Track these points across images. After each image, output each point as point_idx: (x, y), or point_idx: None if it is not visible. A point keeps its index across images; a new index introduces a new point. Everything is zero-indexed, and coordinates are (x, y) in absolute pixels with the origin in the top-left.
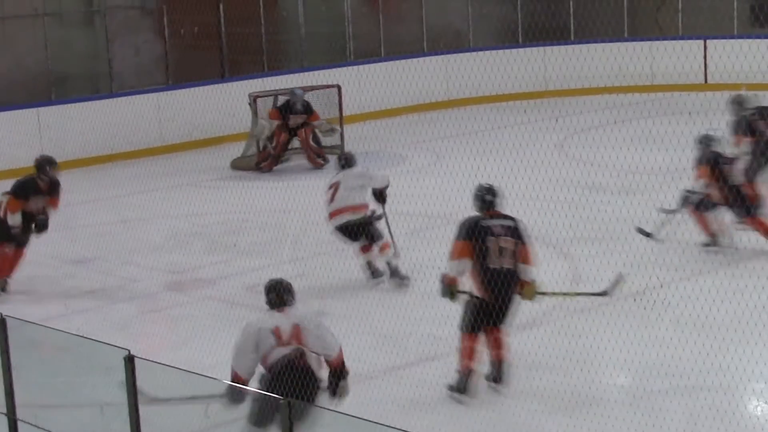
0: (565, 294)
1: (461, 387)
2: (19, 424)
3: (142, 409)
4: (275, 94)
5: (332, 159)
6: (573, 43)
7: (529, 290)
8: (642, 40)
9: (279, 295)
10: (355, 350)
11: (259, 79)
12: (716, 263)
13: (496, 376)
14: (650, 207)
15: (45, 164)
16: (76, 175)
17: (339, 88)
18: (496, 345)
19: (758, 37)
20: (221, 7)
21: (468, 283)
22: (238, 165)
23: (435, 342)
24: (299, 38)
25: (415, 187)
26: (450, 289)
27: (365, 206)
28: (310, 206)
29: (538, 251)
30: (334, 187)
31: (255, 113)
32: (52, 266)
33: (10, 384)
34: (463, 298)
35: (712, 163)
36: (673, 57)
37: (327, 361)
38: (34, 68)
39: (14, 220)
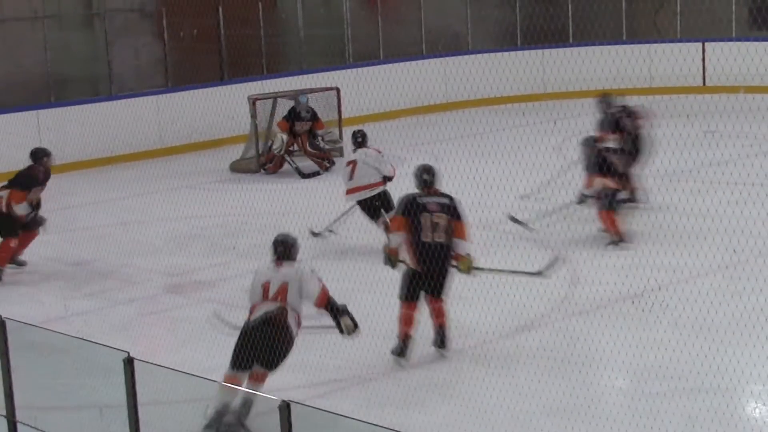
0: (500, 270)
1: (400, 351)
2: (19, 426)
3: (142, 411)
4: (274, 97)
5: (337, 160)
6: (571, 45)
7: (464, 263)
8: (640, 42)
9: (282, 249)
10: (353, 352)
11: (259, 82)
12: (714, 266)
13: (439, 342)
14: (648, 209)
15: (42, 155)
16: (76, 177)
17: (338, 90)
18: (436, 314)
19: (756, 39)
20: (220, 9)
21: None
22: (237, 167)
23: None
24: (298, 41)
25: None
26: (390, 258)
27: (380, 183)
28: (308, 209)
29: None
30: (352, 165)
31: (254, 116)
32: (52, 268)
33: (10, 386)
34: (403, 267)
35: (600, 163)
36: (671, 59)
37: (314, 305)
38: (34, 70)
39: (23, 209)
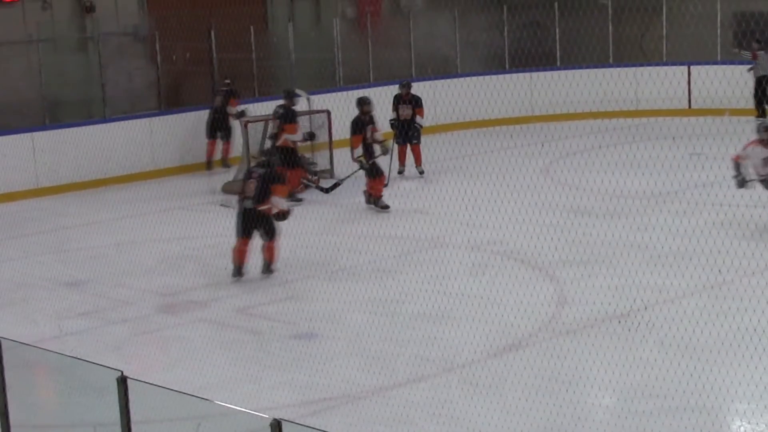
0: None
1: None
2: None
3: (135, 429)
4: (266, 119)
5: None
6: (559, 68)
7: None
8: (627, 66)
9: None
10: (343, 371)
11: (250, 105)
12: (699, 286)
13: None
14: (635, 230)
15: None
16: (70, 198)
17: (328, 113)
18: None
19: (741, 63)
20: (213, 33)
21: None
22: (229, 189)
23: (423, 363)
24: (289, 64)
25: (402, 211)
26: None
27: None
28: (299, 230)
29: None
30: None
31: (246, 138)
32: (47, 288)
33: (5, 405)
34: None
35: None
36: (657, 83)
37: None
38: (29, 93)
39: (299, 136)
